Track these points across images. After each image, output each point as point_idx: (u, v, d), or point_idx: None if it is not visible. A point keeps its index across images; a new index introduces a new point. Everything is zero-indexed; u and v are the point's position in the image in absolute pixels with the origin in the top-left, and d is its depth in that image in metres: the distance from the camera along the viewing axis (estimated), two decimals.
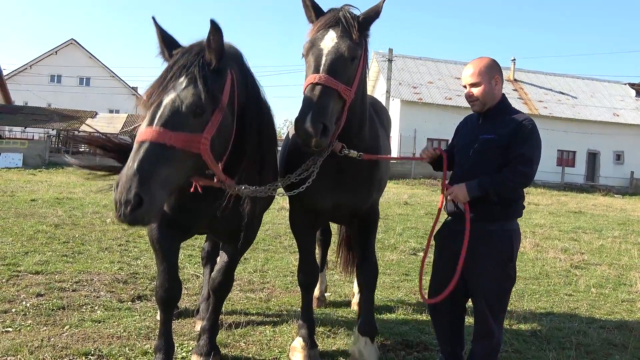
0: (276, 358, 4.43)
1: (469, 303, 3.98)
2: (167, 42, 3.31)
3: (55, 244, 8.20)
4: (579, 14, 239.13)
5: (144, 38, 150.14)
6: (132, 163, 2.78)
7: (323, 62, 3.46)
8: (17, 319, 4.88)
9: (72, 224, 10.19)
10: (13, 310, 5.12)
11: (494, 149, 3.66)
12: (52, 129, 38.29)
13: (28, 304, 5.30)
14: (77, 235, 9.02)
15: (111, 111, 47.63)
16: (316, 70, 3.46)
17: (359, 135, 3.95)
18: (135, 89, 53.99)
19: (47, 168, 29.02)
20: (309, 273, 4.51)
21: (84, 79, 52.20)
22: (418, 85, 40.12)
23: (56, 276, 6.38)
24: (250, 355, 4.36)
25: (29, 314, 5.04)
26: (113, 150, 4.28)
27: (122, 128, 36.47)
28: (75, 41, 52.34)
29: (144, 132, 2.89)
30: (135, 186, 2.71)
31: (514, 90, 41.66)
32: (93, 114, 39.41)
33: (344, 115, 3.58)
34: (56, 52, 51.85)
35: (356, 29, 3.56)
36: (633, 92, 45.03)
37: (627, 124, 41.09)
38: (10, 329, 4.64)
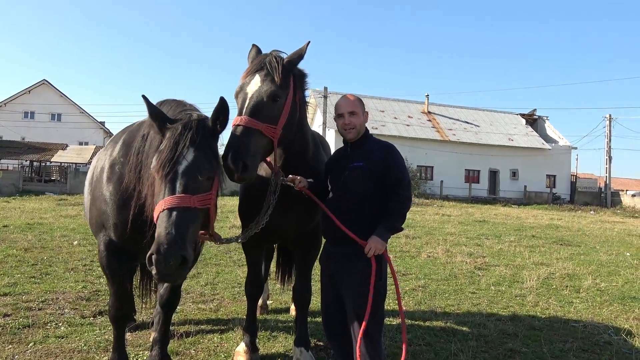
0: None
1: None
2: (156, 116, 3.11)
3: (24, 267, 7.78)
4: (480, 57, 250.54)
5: (110, 76, 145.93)
6: (169, 228, 2.74)
7: (246, 105, 3.33)
8: None
9: (41, 247, 9.69)
10: None
11: (364, 175, 3.47)
12: (26, 160, 36.62)
13: None
14: (45, 258, 8.58)
15: (81, 143, 45.91)
16: (240, 112, 3.33)
17: (303, 161, 3.84)
18: (102, 123, 52.35)
19: (20, 195, 27.56)
20: (255, 285, 4.42)
21: (56, 115, 49.99)
22: None
23: (23, 297, 6.04)
24: None
25: None
26: None
27: (91, 158, 35.30)
28: (47, 81, 50.15)
29: (169, 200, 2.83)
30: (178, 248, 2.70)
31: (428, 120, 42.81)
32: (64, 146, 37.92)
33: (275, 149, 3.41)
34: (29, 91, 49.51)
35: (279, 72, 3.39)
36: (523, 121, 47.13)
37: (520, 147, 42.91)
38: None
